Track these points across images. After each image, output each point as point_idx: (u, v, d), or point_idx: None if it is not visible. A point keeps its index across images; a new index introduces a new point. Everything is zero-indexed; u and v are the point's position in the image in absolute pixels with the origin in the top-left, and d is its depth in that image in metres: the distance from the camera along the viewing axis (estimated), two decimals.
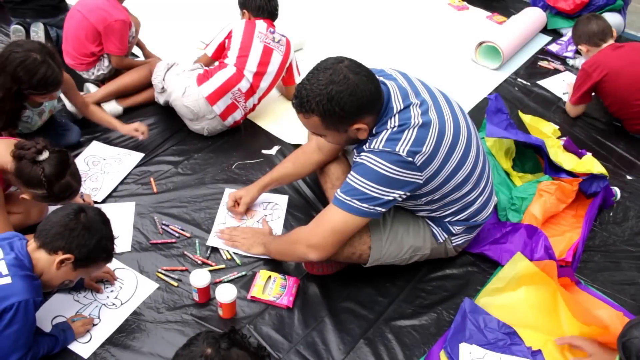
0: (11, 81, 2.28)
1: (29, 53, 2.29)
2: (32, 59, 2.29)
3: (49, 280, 1.83)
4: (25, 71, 2.28)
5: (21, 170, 2.02)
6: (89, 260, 1.85)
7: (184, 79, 2.84)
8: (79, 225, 1.79)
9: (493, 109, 2.86)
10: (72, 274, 1.86)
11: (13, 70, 2.27)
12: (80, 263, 1.82)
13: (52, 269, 1.79)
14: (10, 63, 2.27)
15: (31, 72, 2.29)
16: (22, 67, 2.28)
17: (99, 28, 2.93)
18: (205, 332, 1.38)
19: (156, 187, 2.63)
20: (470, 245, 2.38)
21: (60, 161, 2.07)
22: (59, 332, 1.92)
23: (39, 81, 2.31)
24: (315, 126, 1.89)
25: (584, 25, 3.26)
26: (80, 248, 1.79)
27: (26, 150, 2.01)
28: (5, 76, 2.28)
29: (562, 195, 2.55)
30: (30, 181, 2.03)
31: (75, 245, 1.78)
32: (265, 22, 2.97)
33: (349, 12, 4.42)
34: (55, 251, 1.78)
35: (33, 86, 2.32)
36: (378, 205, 1.88)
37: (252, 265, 2.29)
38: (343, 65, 1.80)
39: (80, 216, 1.80)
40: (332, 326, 2.10)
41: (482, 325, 1.99)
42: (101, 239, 1.84)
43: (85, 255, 1.80)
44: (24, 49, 2.30)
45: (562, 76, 3.79)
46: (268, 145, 2.96)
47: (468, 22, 4.46)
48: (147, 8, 3.79)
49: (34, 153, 2.00)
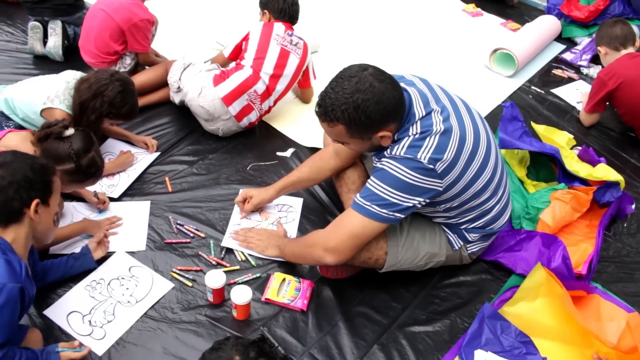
0: (108, 106, 2.42)
1: (127, 84, 2.49)
2: (129, 90, 2.49)
3: (41, 232, 1.77)
4: (122, 99, 2.45)
5: (49, 148, 2.10)
6: (46, 188, 1.74)
7: (201, 79, 2.85)
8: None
9: (508, 117, 2.86)
10: (54, 204, 1.78)
11: (113, 97, 2.43)
12: (45, 193, 1.72)
13: (30, 227, 1.70)
14: (112, 89, 2.42)
15: (125, 101, 2.48)
16: (121, 95, 2.45)
17: (124, 27, 2.96)
18: (234, 338, 1.37)
19: (171, 186, 2.63)
20: (484, 253, 2.38)
21: (85, 136, 2.20)
22: (44, 352, 1.78)
23: (128, 110, 2.52)
24: (340, 134, 1.88)
25: (608, 27, 3.26)
26: (31, 191, 1.68)
27: (52, 127, 2.10)
28: (102, 100, 2.42)
29: (577, 204, 2.55)
30: (59, 156, 2.09)
31: (22, 194, 1.66)
32: (284, 25, 2.97)
33: (363, 16, 4.42)
34: (17, 215, 1.67)
35: (121, 114, 2.51)
36: (397, 212, 1.88)
37: (267, 267, 2.30)
38: (368, 73, 1.80)
39: None
40: (346, 330, 2.10)
41: (498, 332, 1.98)
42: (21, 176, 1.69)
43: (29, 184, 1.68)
44: (123, 78, 2.49)
45: (576, 85, 3.79)
46: (283, 147, 2.96)
47: (482, 29, 4.46)
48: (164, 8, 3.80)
49: (61, 128, 2.11)
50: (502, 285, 2.32)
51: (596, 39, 3.35)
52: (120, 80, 2.48)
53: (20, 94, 2.52)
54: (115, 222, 2.39)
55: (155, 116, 3.08)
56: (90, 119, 2.42)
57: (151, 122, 3.03)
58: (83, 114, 2.43)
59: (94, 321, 2.04)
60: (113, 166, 2.63)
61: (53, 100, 2.45)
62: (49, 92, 2.47)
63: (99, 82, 2.44)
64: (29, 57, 3.44)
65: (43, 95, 2.46)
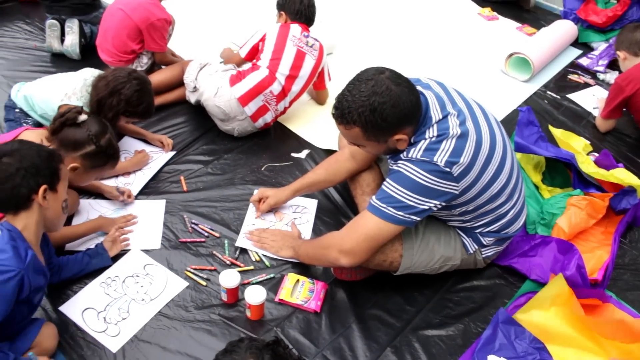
0: (125, 104, 2.43)
1: (144, 82, 2.50)
2: (146, 89, 2.51)
3: (50, 219, 1.80)
4: (138, 98, 2.47)
5: (67, 136, 2.12)
6: (54, 174, 1.77)
7: (217, 79, 2.86)
8: (6, 166, 1.68)
9: (524, 121, 2.85)
10: (62, 191, 1.81)
11: (130, 95, 2.45)
12: (52, 180, 1.75)
13: (40, 214, 1.73)
14: (129, 88, 2.44)
15: (142, 100, 2.50)
16: (138, 94, 2.47)
17: (142, 26, 2.99)
18: (248, 340, 1.36)
19: (186, 185, 2.64)
20: (498, 258, 2.37)
21: (99, 120, 2.24)
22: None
23: (144, 109, 2.54)
24: (356, 137, 1.89)
25: (629, 32, 3.26)
26: (38, 177, 1.71)
27: (66, 115, 2.12)
28: (119, 98, 2.44)
29: (592, 210, 2.53)
30: (78, 142, 2.13)
31: (29, 180, 1.69)
32: (300, 27, 2.98)
33: (379, 18, 4.42)
34: (25, 201, 1.70)
35: (137, 112, 2.53)
36: (413, 214, 1.88)
37: (281, 267, 2.30)
38: (385, 77, 1.80)
39: (2, 161, 1.69)
40: (359, 333, 2.09)
41: (512, 337, 1.96)
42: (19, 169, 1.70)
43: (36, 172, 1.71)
44: (140, 77, 2.51)
45: (592, 90, 3.77)
46: (298, 148, 2.97)
47: (497, 33, 4.45)
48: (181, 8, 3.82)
49: (75, 114, 2.13)
50: (516, 291, 2.31)
51: (616, 44, 3.34)
52: (137, 78, 2.49)
53: (39, 91, 2.54)
54: (131, 220, 2.40)
55: (171, 115, 3.10)
56: (107, 116, 2.43)
57: (167, 122, 3.05)
58: (100, 112, 2.44)
59: (109, 318, 2.04)
60: (129, 165, 2.65)
61: (70, 97, 2.47)
62: (67, 89, 2.49)
63: (117, 80, 2.45)
64: (46, 55, 3.47)
65: (61, 92, 2.48)
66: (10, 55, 3.44)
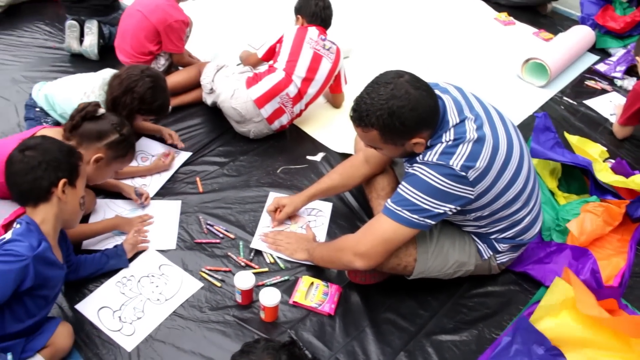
0: (139, 102, 2.45)
1: (157, 79, 2.52)
2: (160, 85, 2.52)
3: (68, 214, 1.84)
4: (152, 95, 2.48)
5: (89, 129, 2.16)
6: (73, 170, 1.83)
7: (233, 81, 2.87)
8: (29, 159, 1.74)
9: (541, 127, 2.84)
10: (80, 187, 1.86)
11: (143, 93, 2.46)
12: (72, 175, 1.81)
13: (59, 207, 1.78)
14: (142, 85, 2.46)
15: (156, 97, 2.52)
16: (151, 91, 2.48)
17: (159, 28, 3.01)
18: (264, 341, 1.37)
19: (202, 187, 2.66)
20: (513, 264, 2.36)
21: (116, 114, 2.30)
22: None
23: (159, 106, 2.55)
24: (373, 140, 1.89)
25: None
26: (58, 171, 1.76)
27: (86, 109, 2.16)
28: (132, 96, 2.45)
29: (608, 217, 2.51)
30: (101, 132, 2.17)
31: (50, 174, 1.75)
32: (318, 29, 2.99)
33: (395, 22, 4.43)
34: (45, 194, 1.75)
35: (152, 110, 2.55)
36: (428, 218, 1.88)
37: (295, 270, 2.31)
38: (404, 80, 1.80)
39: (25, 154, 1.75)
40: (372, 336, 2.09)
41: (529, 344, 1.95)
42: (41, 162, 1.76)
43: (61, 167, 1.78)
44: (154, 74, 2.52)
45: (610, 97, 3.75)
46: (313, 151, 2.98)
47: (514, 38, 4.44)
48: (198, 10, 3.84)
49: (94, 107, 2.18)
50: (530, 297, 2.30)
51: (634, 49, 3.31)
52: (150, 76, 2.51)
53: (60, 91, 2.57)
54: (147, 220, 2.42)
55: (187, 117, 3.12)
56: (122, 114, 2.44)
57: (183, 123, 3.07)
58: (115, 110, 2.46)
59: (124, 317, 2.06)
60: (145, 169, 2.67)
61: (89, 96, 2.49)
62: (86, 88, 2.52)
63: (130, 78, 2.47)
64: (65, 55, 3.51)
65: (80, 92, 2.51)
66: (30, 55, 3.48)
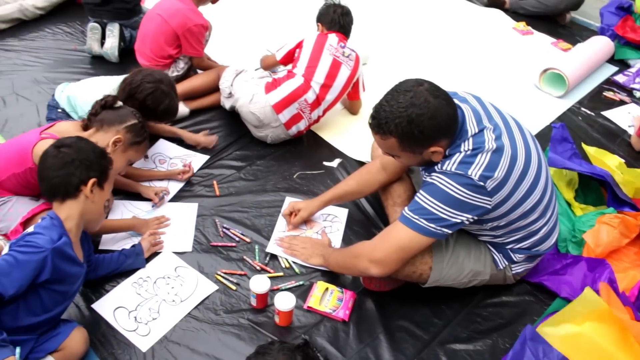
0: (139, 108, 2.45)
1: (158, 84, 2.52)
2: (161, 90, 2.52)
3: (92, 214, 1.88)
4: (153, 101, 2.50)
5: (110, 114, 2.25)
6: (103, 172, 1.89)
7: (252, 85, 2.89)
8: (64, 155, 1.81)
9: (558, 138, 2.83)
10: (107, 190, 1.93)
11: (143, 99, 2.49)
12: (101, 176, 1.87)
13: (84, 206, 1.83)
14: (141, 92, 2.49)
15: (158, 102, 2.53)
16: (152, 97, 2.50)
17: (179, 32, 3.04)
18: (279, 343, 1.38)
19: (219, 190, 2.68)
20: (528, 274, 2.35)
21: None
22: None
23: (163, 111, 2.56)
24: (392, 147, 1.90)
25: None
26: (90, 170, 1.83)
27: (105, 99, 2.27)
28: (133, 102, 2.47)
29: (625, 229, 2.49)
30: (122, 116, 2.28)
31: (82, 171, 1.81)
32: (337, 36, 3.00)
33: (413, 31, 4.43)
34: (74, 190, 1.81)
35: (157, 115, 2.56)
36: (445, 227, 1.88)
37: (310, 275, 2.31)
38: (423, 89, 1.81)
39: (61, 150, 1.83)
40: (386, 344, 2.10)
41: (540, 355, 1.95)
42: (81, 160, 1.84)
43: (94, 165, 1.85)
44: (154, 79, 2.52)
45: (628, 108, 3.72)
46: (330, 157, 2.99)
47: (532, 48, 4.42)
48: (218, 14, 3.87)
49: (112, 99, 2.29)
50: (545, 308, 2.29)
51: None
52: (151, 82, 2.51)
53: (82, 92, 2.61)
54: (164, 222, 2.44)
55: (205, 120, 3.14)
56: None
57: (201, 126, 3.09)
58: None
59: (140, 317, 2.08)
60: (162, 174, 2.70)
61: None
62: (107, 90, 2.55)
63: (131, 84, 2.51)
64: (86, 57, 3.56)
65: (101, 94, 2.53)
66: (52, 56, 3.53)
